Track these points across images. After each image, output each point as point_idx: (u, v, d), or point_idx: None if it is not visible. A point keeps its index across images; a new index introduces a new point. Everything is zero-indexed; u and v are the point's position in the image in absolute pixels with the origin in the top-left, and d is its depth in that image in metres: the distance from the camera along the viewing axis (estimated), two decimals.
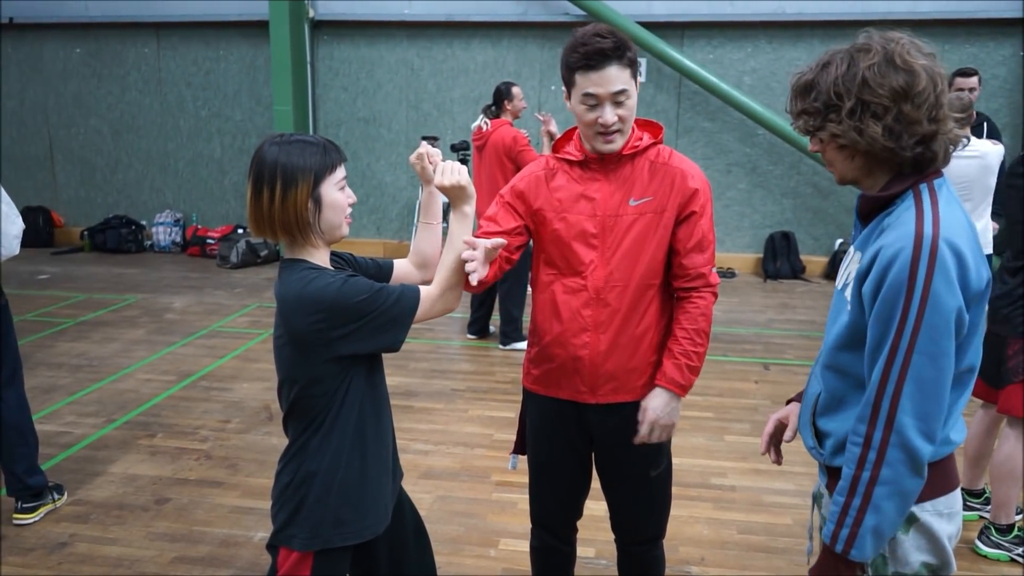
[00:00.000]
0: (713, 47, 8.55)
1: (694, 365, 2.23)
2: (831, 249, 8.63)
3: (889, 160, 1.56)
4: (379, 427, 1.97)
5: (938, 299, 1.45)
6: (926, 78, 1.50)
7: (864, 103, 1.50)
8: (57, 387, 5.17)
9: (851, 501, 1.53)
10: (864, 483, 1.51)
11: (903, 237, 1.48)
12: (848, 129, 1.52)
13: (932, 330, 1.46)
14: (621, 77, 2.06)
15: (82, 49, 9.68)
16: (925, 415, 1.48)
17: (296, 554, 1.91)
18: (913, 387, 1.47)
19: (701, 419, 4.68)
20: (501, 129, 5.72)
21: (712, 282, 2.25)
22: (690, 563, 3.26)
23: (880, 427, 1.49)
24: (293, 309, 1.79)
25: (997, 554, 3.28)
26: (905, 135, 1.50)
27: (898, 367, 1.47)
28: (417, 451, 4.28)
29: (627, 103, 2.09)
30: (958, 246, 1.47)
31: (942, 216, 1.50)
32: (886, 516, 1.52)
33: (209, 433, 4.50)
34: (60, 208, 10.04)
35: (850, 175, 1.64)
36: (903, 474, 1.50)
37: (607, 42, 2.03)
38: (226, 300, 7.47)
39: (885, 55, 1.50)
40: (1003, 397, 3.17)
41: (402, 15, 8.89)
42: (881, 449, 1.49)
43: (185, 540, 3.41)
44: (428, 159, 2.07)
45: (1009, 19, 8.00)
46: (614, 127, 2.10)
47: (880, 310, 1.50)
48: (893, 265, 1.47)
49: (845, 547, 1.54)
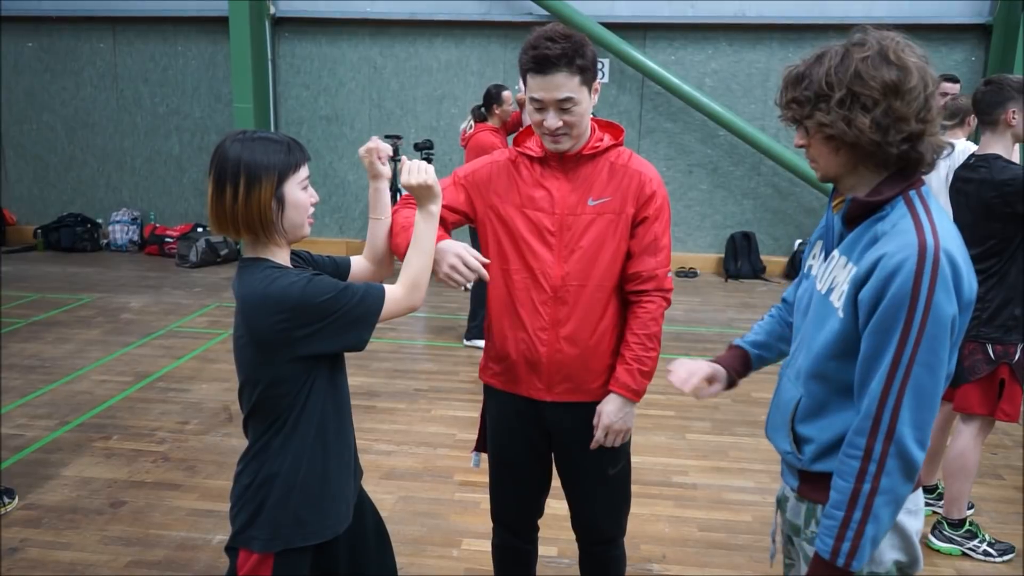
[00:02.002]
0: (675, 48, 8.63)
1: (646, 370, 2.23)
2: (791, 249, 8.76)
3: (874, 156, 1.54)
4: (341, 426, 1.95)
5: (939, 310, 1.45)
6: (918, 76, 1.50)
7: (854, 94, 1.50)
8: (8, 389, 5.03)
9: (852, 514, 1.52)
10: (865, 495, 1.51)
11: (906, 247, 1.47)
12: (837, 119, 1.51)
13: (932, 340, 1.45)
14: (568, 85, 2.04)
15: (35, 44, 9.45)
16: (921, 424, 1.49)
17: (256, 556, 1.88)
18: (912, 398, 1.47)
19: (662, 417, 4.72)
20: (480, 135, 5.63)
21: (665, 286, 2.25)
22: (652, 561, 3.28)
23: (880, 439, 1.49)
24: (256, 308, 1.77)
25: (949, 548, 3.35)
26: (893, 130, 1.50)
27: (900, 379, 1.47)
28: (379, 451, 4.25)
29: (574, 110, 2.08)
30: (954, 256, 1.47)
31: (938, 225, 1.50)
32: (883, 524, 1.53)
33: (167, 435, 4.42)
34: (12, 206, 9.80)
35: (833, 171, 1.63)
36: (899, 482, 1.50)
37: (556, 48, 2.01)
38: (185, 300, 7.35)
39: (880, 50, 1.51)
40: (959, 396, 3.24)
41: (364, 12, 8.83)
42: (881, 461, 1.49)
43: (141, 544, 3.35)
44: (377, 154, 2.06)
45: (962, 24, 8.20)
46: (559, 131, 2.10)
47: (881, 320, 1.48)
48: (896, 275, 1.46)
49: (847, 560, 1.54)
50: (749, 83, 8.60)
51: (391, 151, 2.09)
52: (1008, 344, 3.12)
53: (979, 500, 3.78)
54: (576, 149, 2.18)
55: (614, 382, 2.23)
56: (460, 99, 8.91)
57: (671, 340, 6.31)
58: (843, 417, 1.61)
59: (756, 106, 8.59)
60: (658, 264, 2.22)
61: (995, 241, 3.07)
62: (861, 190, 1.61)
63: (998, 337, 3.12)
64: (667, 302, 2.27)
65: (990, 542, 3.34)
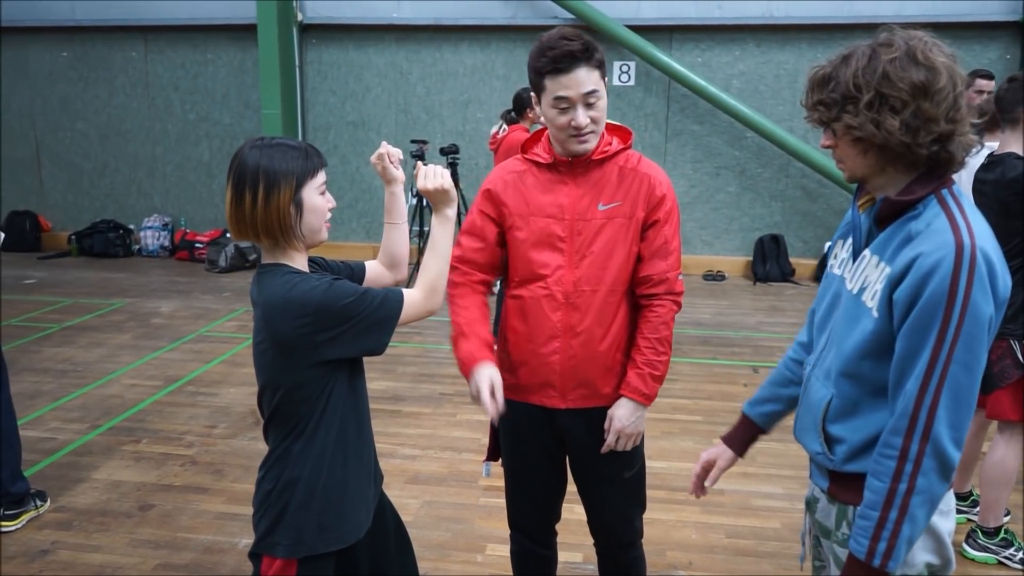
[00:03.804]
0: (701, 50, 8.57)
1: (657, 374, 2.22)
2: (820, 252, 8.65)
3: (903, 157, 1.53)
4: (360, 431, 1.96)
5: (977, 309, 1.43)
6: (946, 76, 1.49)
7: (883, 96, 1.48)
8: (41, 393, 5.12)
9: (887, 514, 1.51)
10: (901, 495, 1.49)
11: (943, 246, 1.45)
12: (865, 121, 1.50)
13: (970, 339, 1.44)
14: (591, 78, 2.05)
15: (69, 53, 9.63)
16: (958, 424, 1.48)
17: (280, 561, 1.89)
18: (949, 397, 1.46)
19: (690, 423, 4.67)
20: (514, 135, 5.63)
21: (676, 289, 2.24)
22: (678, 568, 3.25)
23: (917, 439, 1.48)
24: (278, 313, 1.77)
25: (985, 557, 3.28)
26: (922, 132, 1.48)
27: (936, 378, 1.45)
28: (404, 456, 4.25)
29: (598, 104, 2.08)
30: (989, 254, 1.46)
31: (973, 224, 1.48)
32: (918, 524, 1.51)
33: (195, 439, 4.46)
34: (47, 212, 9.98)
35: (860, 172, 1.61)
36: (935, 482, 1.49)
37: (575, 44, 2.02)
38: (214, 304, 7.42)
39: (907, 51, 1.49)
40: (991, 402, 3.18)
41: (391, 18, 8.88)
42: (918, 460, 1.48)
43: (168, 547, 3.38)
44: (389, 158, 2.06)
45: (996, 22, 8.05)
46: (587, 128, 2.09)
47: (918, 320, 1.47)
48: (934, 275, 1.44)
49: (883, 560, 1.52)
50: (777, 84, 8.52)
51: (401, 155, 2.09)
52: None
53: (1015, 507, 3.69)
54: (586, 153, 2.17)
55: (625, 386, 2.22)
56: (486, 103, 8.92)
57: (698, 344, 6.26)
58: (876, 417, 1.59)
59: (784, 107, 8.50)
60: (669, 267, 2.21)
61: (1019, 240, 3.02)
62: (890, 190, 1.59)
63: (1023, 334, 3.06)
64: (678, 306, 2.26)
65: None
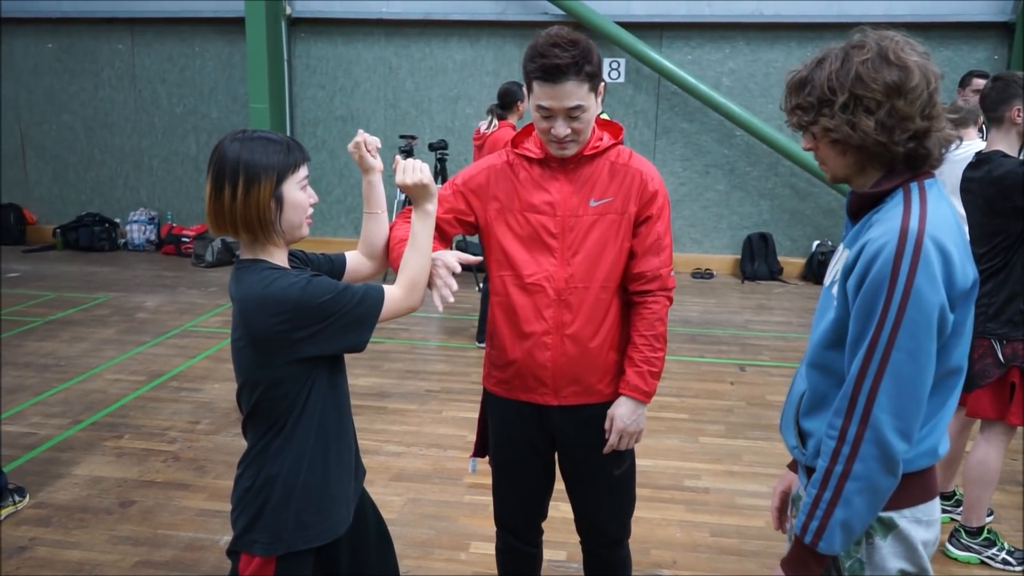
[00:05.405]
0: (692, 48, 8.56)
1: (655, 370, 2.21)
2: (808, 251, 8.67)
3: (881, 156, 1.55)
4: (341, 428, 1.94)
5: (920, 295, 1.44)
6: (919, 75, 1.50)
7: (857, 98, 1.50)
8: (23, 387, 5.07)
9: (822, 494, 1.53)
10: (836, 476, 1.51)
11: (888, 232, 1.48)
12: (841, 123, 1.52)
13: (913, 326, 1.45)
14: (577, 93, 2.00)
15: (54, 44, 9.53)
16: (902, 412, 1.48)
17: (258, 559, 1.88)
18: (891, 383, 1.46)
19: (676, 420, 4.67)
20: (501, 131, 5.59)
21: (669, 285, 2.23)
22: (662, 566, 3.24)
23: (855, 422, 1.49)
24: (255, 310, 1.75)
25: (967, 557, 3.29)
26: (898, 130, 1.51)
27: (876, 362, 1.47)
28: (389, 453, 4.23)
29: (582, 116, 2.04)
30: (943, 242, 1.46)
31: (929, 212, 1.49)
32: (856, 511, 1.51)
33: (178, 434, 4.42)
34: (32, 205, 9.89)
35: (842, 172, 1.63)
36: (876, 471, 1.49)
37: (566, 56, 1.96)
38: (199, 299, 7.37)
39: (879, 51, 1.51)
40: (971, 401, 3.19)
41: (380, 13, 8.82)
42: (855, 444, 1.49)
43: (149, 544, 3.35)
44: (366, 147, 2.03)
45: (984, 23, 8.08)
46: (567, 139, 2.07)
47: (861, 304, 1.50)
48: (877, 259, 1.47)
49: (814, 539, 1.55)
50: (767, 83, 8.52)
51: (379, 143, 2.06)
52: (1015, 341, 3.06)
53: (998, 507, 3.70)
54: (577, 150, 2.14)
55: (624, 385, 2.20)
56: (475, 99, 8.89)
57: (686, 342, 6.26)
58: None
59: (774, 106, 8.49)
60: (661, 263, 2.20)
61: (1002, 237, 3.04)
62: (870, 186, 1.61)
63: (1005, 333, 3.07)
64: (670, 301, 2.24)
65: (1009, 550, 3.27)
